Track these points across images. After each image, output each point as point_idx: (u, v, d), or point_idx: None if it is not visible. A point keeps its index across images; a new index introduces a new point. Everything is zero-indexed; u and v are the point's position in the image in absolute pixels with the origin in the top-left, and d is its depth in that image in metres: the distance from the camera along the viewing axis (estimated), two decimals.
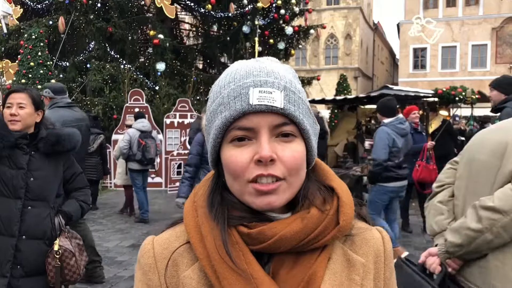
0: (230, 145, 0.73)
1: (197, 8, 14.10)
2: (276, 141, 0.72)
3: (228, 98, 0.72)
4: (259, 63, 0.76)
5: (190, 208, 0.80)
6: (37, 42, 10.39)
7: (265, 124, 0.71)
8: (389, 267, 0.82)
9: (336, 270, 0.74)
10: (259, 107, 0.70)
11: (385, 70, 53.95)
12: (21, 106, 2.46)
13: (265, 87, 0.71)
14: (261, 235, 0.71)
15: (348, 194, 0.78)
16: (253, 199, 0.72)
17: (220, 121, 0.72)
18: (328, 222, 0.74)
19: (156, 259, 0.78)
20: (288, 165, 0.72)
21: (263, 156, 0.69)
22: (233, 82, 0.73)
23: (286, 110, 0.71)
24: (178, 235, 0.80)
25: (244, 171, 0.71)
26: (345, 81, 21.54)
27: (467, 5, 33.63)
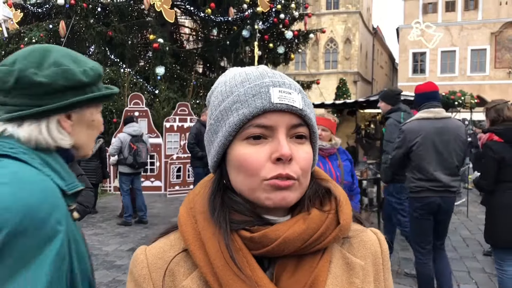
0: (243, 142, 0.72)
1: (197, 12, 14.15)
2: (291, 141, 0.72)
3: (245, 96, 0.72)
4: (265, 67, 0.78)
5: (186, 214, 0.77)
6: None
7: (283, 123, 0.72)
8: (387, 267, 0.82)
9: (337, 273, 0.74)
10: (280, 105, 0.70)
11: (385, 74, 54.05)
12: None
13: (284, 87, 0.72)
14: (265, 238, 0.70)
15: (344, 195, 0.79)
16: (267, 195, 0.71)
17: (236, 118, 0.71)
18: (329, 222, 0.73)
19: (150, 269, 0.75)
20: (302, 166, 0.72)
21: (284, 154, 0.69)
22: (248, 81, 0.73)
23: (304, 111, 0.73)
24: (173, 244, 0.77)
25: (261, 169, 0.71)
26: (344, 85, 21.61)
27: (466, 10, 33.75)
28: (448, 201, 3.76)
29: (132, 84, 12.94)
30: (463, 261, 5.67)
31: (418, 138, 3.67)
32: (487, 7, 32.98)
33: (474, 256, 5.89)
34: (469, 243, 6.56)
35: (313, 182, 0.79)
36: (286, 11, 14.87)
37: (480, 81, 32.89)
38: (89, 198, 2.69)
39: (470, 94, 13.12)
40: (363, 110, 12.77)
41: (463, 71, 33.57)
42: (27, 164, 0.96)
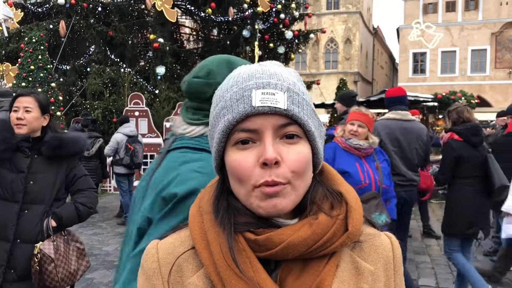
0: (233, 148, 0.72)
1: (197, 12, 14.14)
2: (280, 142, 0.71)
3: (231, 101, 0.71)
4: (262, 66, 0.76)
5: (195, 213, 0.78)
6: (37, 46, 10.40)
7: (269, 125, 0.70)
8: (398, 273, 0.79)
9: (344, 278, 0.72)
10: (262, 108, 0.69)
11: (385, 75, 54.05)
12: (28, 110, 2.45)
13: (268, 88, 0.70)
14: (269, 241, 0.70)
15: (356, 200, 0.77)
16: (258, 203, 0.70)
17: (223, 125, 0.71)
18: (337, 228, 0.72)
19: (160, 264, 0.76)
20: (293, 167, 0.70)
21: (268, 158, 0.68)
22: (236, 85, 0.73)
23: (290, 111, 0.70)
24: (183, 240, 0.78)
25: (250, 175, 0.70)
26: (344, 86, 21.60)
27: (467, 10, 33.75)
28: (412, 194, 4.18)
29: (132, 84, 12.94)
30: None
31: (383, 134, 4.07)
32: (487, 7, 32.97)
33: (475, 256, 5.88)
34: None
35: (318, 184, 0.77)
36: (286, 11, 14.87)
37: (481, 81, 32.88)
38: (93, 199, 2.69)
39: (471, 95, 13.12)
40: None
41: (463, 71, 33.57)
42: None
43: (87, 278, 4.94)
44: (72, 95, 13.68)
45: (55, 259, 2.42)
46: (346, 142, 3.37)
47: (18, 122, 2.43)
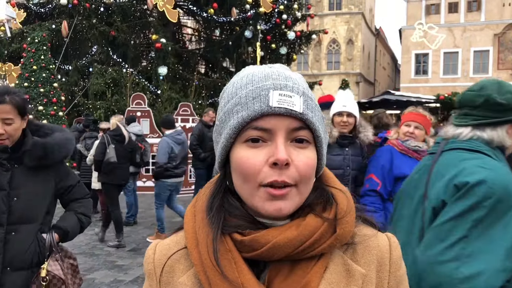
0: (243, 145, 0.72)
1: (200, 12, 14.15)
2: (291, 145, 0.71)
3: (246, 99, 0.71)
4: (275, 68, 0.76)
5: (189, 213, 0.79)
6: (40, 46, 10.43)
7: (283, 127, 0.70)
8: (395, 275, 0.78)
9: (332, 280, 0.72)
10: (278, 109, 0.69)
11: (387, 76, 54.00)
12: (7, 122, 2.02)
13: (285, 90, 0.71)
14: (254, 242, 0.70)
15: (348, 201, 0.76)
16: (263, 204, 0.71)
17: (236, 121, 0.71)
18: (324, 229, 0.72)
19: (155, 265, 0.79)
20: (301, 171, 0.70)
21: (279, 158, 0.68)
22: (251, 83, 0.73)
23: (305, 115, 0.71)
24: (178, 241, 0.79)
25: (257, 173, 0.70)
26: (346, 86, 21.59)
27: (469, 11, 33.68)
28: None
29: (134, 84, 12.96)
30: None
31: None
32: (490, 8, 32.90)
33: None
34: None
35: (317, 188, 0.77)
36: (288, 11, 14.88)
37: None
38: (90, 207, 2.45)
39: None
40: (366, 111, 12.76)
41: (465, 73, 33.49)
42: (490, 157, 1.54)
43: (88, 278, 4.94)
44: (74, 95, 13.71)
45: (65, 280, 2.14)
46: (404, 144, 3.14)
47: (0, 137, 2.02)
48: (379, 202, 3.03)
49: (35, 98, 10.00)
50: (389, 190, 3.08)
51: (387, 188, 3.08)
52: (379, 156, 3.19)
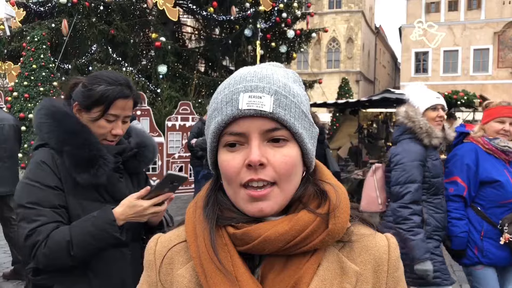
0: (224, 149, 0.75)
1: (199, 11, 14.14)
2: (267, 145, 0.73)
3: (221, 104, 0.74)
4: (256, 68, 0.77)
5: (191, 209, 0.82)
6: (39, 45, 10.41)
7: (255, 129, 0.72)
8: (393, 276, 0.78)
9: (325, 277, 0.72)
10: (248, 111, 0.71)
11: (387, 74, 53.97)
12: (126, 121, 1.69)
13: (255, 92, 0.72)
14: (246, 236, 0.72)
15: (342, 198, 0.76)
16: (245, 205, 0.73)
17: (213, 126, 0.74)
18: (316, 225, 0.72)
19: (156, 256, 0.81)
20: (279, 170, 0.72)
21: (252, 160, 0.70)
22: (228, 88, 0.75)
23: (275, 114, 0.71)
24: (179, 235, 0.82)
25: (236, 175, 0.73)
26: (346, 85, 21.55)
27: (469, 9, 33.65)
28: None
29: (134, 83, 12.93)
30: None
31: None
32: (490, 6, 32.86)
33: None
34: None
35: (308, 183, 0.78)
36: (288, 10, 14.85)
37: (483, 81, 32.79)
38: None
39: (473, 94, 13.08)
40: (365, 110, 12.76)
41: (465, 71, 33.48)
42: None
43: None
44: None
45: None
46: (491, 143, 2.72)
47: (114, 139, 1.66)
48: (463, 209, 2.72)
49: (35, 97, 9.98)
50: (473, 196, 2.72)
51: (471, 194, 2.71)
52: (462, 156, 2.77)
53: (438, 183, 2.71)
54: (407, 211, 2.57)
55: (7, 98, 9.99)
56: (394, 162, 2.71)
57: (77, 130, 1.56)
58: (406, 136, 2.74)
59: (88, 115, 1.60)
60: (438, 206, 2.69)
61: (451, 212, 2.75)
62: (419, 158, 2.64)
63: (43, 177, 1.52)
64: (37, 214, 1.47)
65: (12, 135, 4.68)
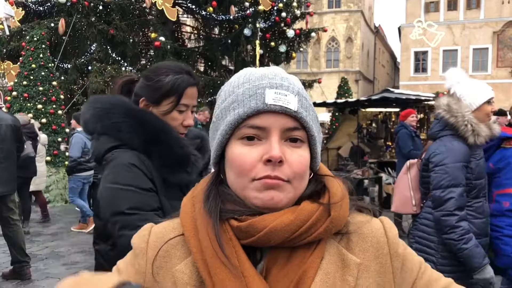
0: (238, 142, 0.74)
1: (199, 10, 14.13)
2: (285, 144, 0.73)
3: (243, 96, 0.74)
4: (271, 69, 0.79)
5: (188, 202, 0.80)
6: (38, 44, 10.40)
7: (278, 126, 0.72)
8: (396, 254, 0.79)
9: (329, 270, 0.73)
10: (274, 107, 0.72)
11: (386, 73, 53.98)
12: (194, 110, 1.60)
13: (281, 89, 0.73)
14: (251, 228, 0.71)
15: (339, 187, 0.78)
16: (256, 194, 0.72)
17: (232, 117, 0.73)
18: (320, 213, 0.73)
19: (149, 245, 0.79)
20: (295, 169, 0.73)
21: (274, 155, 0.70)
22: (248, 82, 0.75)
23: (299, 114, 0.73)
24: (175, 227, 0.80)
25: (251, 169, 0.72)
26: (346, 84, 21.55)
27: (468, 9, 33.65)
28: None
29: None
30: None
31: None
32: (489, 6, 32.87)
33: None
34: None
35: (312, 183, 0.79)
36: (287, 9, 14.83)
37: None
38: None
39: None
40: (365, 109, 12.76)
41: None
42: None
43: None
44: (73, 93, 13.68)
45: None
46: None
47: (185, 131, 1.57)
48: None
49: (34, 97, 9.98)
50: None
51: None
52: None
53: (481, 185, 2.43)
54: (454, 219, 2.27)
55: (6, 98, 9.97)
56: (434, 163, 2.40)
57: (163, 128, 1.46)
58: (448, 132, 2.42)
59: (158, 109, 1.50)
60: (479, 210, 2.41)
61: (503, 229, 2.49)
62: (463, 159, 2.34)
63: (136, 180, 1.39)
64: (140, 219, 1.29)
65: (9, 135, 4.67)
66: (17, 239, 4.77)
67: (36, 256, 5.66)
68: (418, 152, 6.54)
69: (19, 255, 4.78)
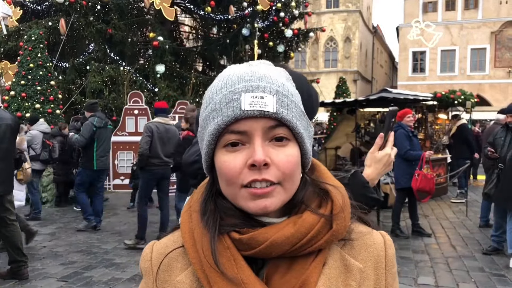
0: (223, 150, 0.72)
1: (197, 10, 14.12)
2: (270, 145, 0.71)
3: (220, 104, 0.71)
4: (251, 67, 0.75)
5: (185, 213, 0.80)
6: (36, 44, 10.38)
7: (258, 128, 0.70)
8: (391, 272, 0.79)
9: (331, 275, 0.73)
10: (251, 112, 0.69)
11: (384, 73, 54.02)
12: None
13: (257, 92, 0.70)
14: (252, 240, 0.71)
15: (343, 197, 0.77)
16: (247, 203, 0.71)
17: (212, 127, 0.72)
18: (321, 226, 0.72)
19: (152, 263, 0.79)
20: (283, 170, 0.71)
21: (257, 160, 0.68)
22: (225, 87, 0.72)
23: (279, 115, 0.70)
24: (175, 240, 0.80)
25: (238, 176, 0.70)
26: (344, 84, 21.57)
27: (466, 9, 33.70)
28: (167, 172, 6.33)
29: (131, 82, 12.92)
30: (462, 260, 5.67)
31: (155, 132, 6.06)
32: (487, 6, 32.92)
33: (473, 255, 5.88)
34: (468, 242, 6.56)
35: (307, 183, 0.78)
36: (286, 9, 14.84)
37: (480, 80, 32.86)
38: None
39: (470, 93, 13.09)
40: (363, 109, 12.75)
41: (463, 70, 33.54)
42: None
43: (86, 276, 4.94)
44: (71, 93, 13.66)
45: None
46: None
47: None
48: None
49: (32, 96, 9.96)
50: None
51: None
52: None
53: None
54: None
55: (4, 97, 9.96)
56: None
57: None
58: None
59: None
60: None
61: None
62: None
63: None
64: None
65: (8, 135, 4.66)
66: (14, 239, 4.76)
67: (34, 256, 5.65)
68: (415, 152, 6.56)
69: (16, 255, 4.77)
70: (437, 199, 10.02)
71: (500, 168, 5.64)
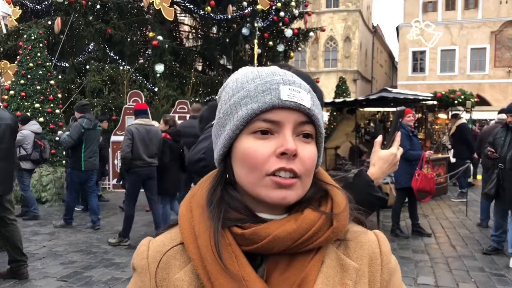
0: (250, 136, 0.73)
1: (197, 10, 14.11)
2: (296, 139, 0.73)
3: (256, 92, 0.73)
4: (277, 67, 0.79)
5: (185, 209, 0.79)
6: (36, 43, 10.36)
7: (291, 120, 0.72)
8: (387, 267, 0.81)
9: (329, 274, 0.74)
10: (289, 103, 0.71)
11: (384, 73, 54.02)
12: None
13: (294, 86, 0.73)
14: (255, 235, 0.71)
15: (341, 197, 0.79)
16: (268, 192, 0.72)
17: (245, 112, 0.72)
18: (322, 223, 0.74)
19: (149, 261, 0.78)
20: (306, 165, 0.73)
21: (289, 148, 0.70)
22: (259, 78, 0.74)
23: (312, 111, 0.73)
24: (173, 238, 0.79)
25: (264, 163, 0.71)
26: (344, 84, 21.57)
27: (466, 9, 33.70)
28: (151, 172, 6.30)
29: (131, 81, 12.91)
30: (462, 260, 5.67)
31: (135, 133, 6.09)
32: (487, 6, 32.92)
33: (473, 255, 5.88)
34: (468, 242, 6.56)
35: (314, 184, 0.79)
36: (286, 9, 14.82)
37: (480, 80, 32.87)
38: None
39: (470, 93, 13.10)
40: (363, 109, 12.76)
41: (462, 70, 33.54)
42: None
43: (85, 276, 4.94)
44: (71, 92, 13.65)
45: None
46: None
47: None
48: None
49: (32, 96, 9.95)
50: None
51: None
52: None
53: None
54: None
55: (4, 97, 9.95)
56: None
57: None
58: None
59: None
60: None
61: None
62: None
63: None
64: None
65: (8, 135, 4.65)
66: (14, 239, 4.75)
67: (34, 256, 5.65)
68: (416, 152, 6.56)
69: (16, 254, 4.77)
70: (437, 199, 10.02)
71: (500, 168, 5.64)
